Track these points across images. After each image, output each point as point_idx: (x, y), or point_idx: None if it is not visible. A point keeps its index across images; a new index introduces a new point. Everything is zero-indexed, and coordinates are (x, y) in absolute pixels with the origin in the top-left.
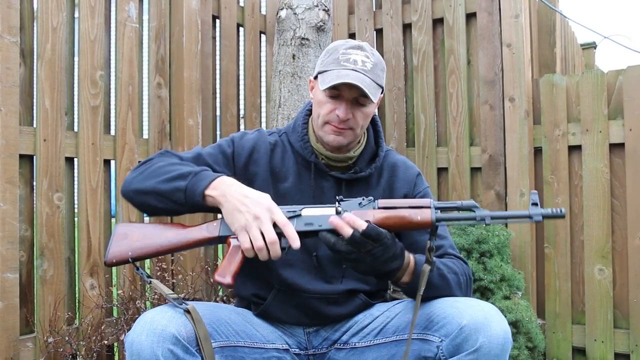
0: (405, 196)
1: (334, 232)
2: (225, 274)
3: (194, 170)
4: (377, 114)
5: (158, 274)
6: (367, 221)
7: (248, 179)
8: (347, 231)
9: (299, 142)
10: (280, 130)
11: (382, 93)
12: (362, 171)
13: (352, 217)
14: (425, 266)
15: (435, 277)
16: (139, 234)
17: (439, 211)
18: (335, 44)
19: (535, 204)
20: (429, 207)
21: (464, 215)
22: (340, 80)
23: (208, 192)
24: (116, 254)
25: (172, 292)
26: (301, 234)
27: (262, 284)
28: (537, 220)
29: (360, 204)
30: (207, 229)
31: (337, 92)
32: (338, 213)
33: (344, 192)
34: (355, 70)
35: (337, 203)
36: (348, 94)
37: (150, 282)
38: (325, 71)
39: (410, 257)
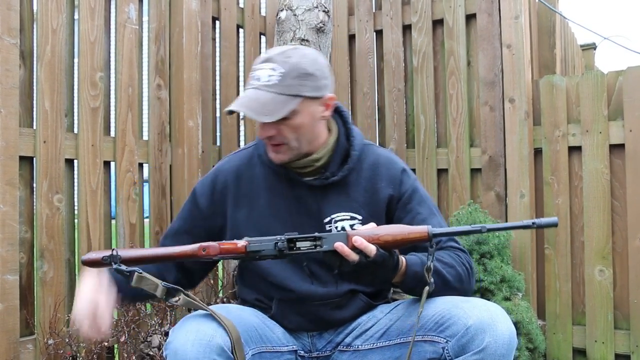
0: (391, 196)
1: (337, 253)
2: None
3: None
4: (344, 107)
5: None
6: (374, 242)
7: (222, 216)
8: (354, 258)
9: (266, 155)
10: (252, 143)
11: (312, 99)
12: (334, 175)
13: (363, 243)
14: (425, 287)
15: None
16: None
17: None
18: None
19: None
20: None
21: (460, 228)
22: (229, 108)
23: None
24: (95, 253)
25: (163, 282)
26: (302, 254)
27: (262, 294)
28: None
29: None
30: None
31: None
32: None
33: (319, 198)
34: (256, 88)
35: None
36: None
37: (130, 275)
38: None
39: (403, 261)
